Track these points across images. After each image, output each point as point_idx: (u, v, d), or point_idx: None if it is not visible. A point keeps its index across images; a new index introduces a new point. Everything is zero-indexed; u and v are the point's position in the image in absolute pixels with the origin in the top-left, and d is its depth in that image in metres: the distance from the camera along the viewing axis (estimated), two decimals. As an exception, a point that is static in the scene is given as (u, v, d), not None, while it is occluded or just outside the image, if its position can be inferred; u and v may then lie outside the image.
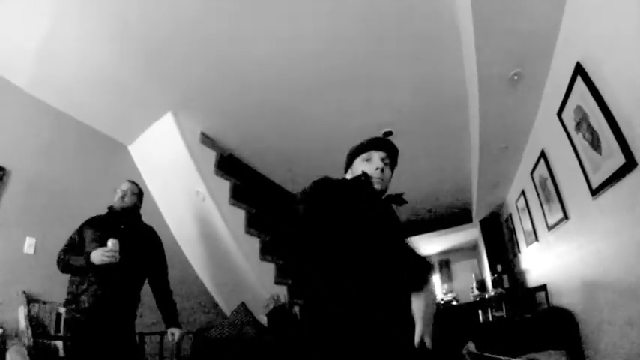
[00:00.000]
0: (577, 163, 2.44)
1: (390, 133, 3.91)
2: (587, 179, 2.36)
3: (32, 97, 3.04)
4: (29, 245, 2.79)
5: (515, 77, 2.59)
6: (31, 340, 2.34)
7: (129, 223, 2.59)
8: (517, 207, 5.02)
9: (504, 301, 4.40)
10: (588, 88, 2.04)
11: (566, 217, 3.00)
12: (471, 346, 1.46)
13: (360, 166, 1.54)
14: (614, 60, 1.82)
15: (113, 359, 2.32)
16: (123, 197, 2.59)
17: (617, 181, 1.97)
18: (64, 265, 2.39)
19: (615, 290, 2.30)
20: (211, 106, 3.50)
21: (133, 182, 2.72)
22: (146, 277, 2.67)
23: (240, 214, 3.83)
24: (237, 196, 3.89)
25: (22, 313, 2.46)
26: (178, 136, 3.43)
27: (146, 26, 2.61)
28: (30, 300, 2.55)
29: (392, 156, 1.60)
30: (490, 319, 4.52)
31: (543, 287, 3.87)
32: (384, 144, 1.58)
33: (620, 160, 1.86)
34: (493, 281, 6.21)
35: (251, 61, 2.97)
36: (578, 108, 2.23)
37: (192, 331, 3.23)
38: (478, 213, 6.64)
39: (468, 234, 8.34)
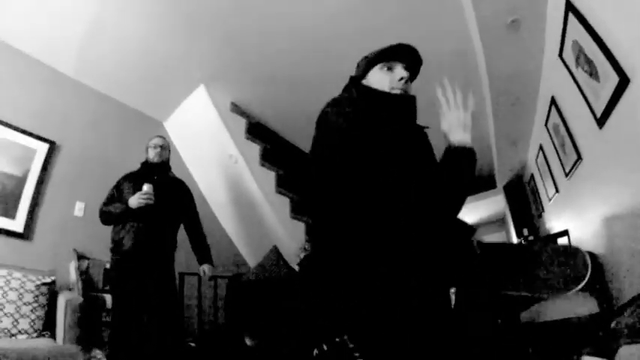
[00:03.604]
0: (581, 97, 2.54)
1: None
2: (592, 111, 2.46)
3: (77, 83, 3.49)
4: (79, 209, 3.20)
5: (514, 23, 2.71)
6: (81, 291, 2.63)
7: (161, 173, 2.83)
8: (537, 164, 5.06)
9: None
10: (579, 20, 2.17)
11: (579, 157, 3.07)
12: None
13: (377, 76, 1.30)
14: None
15: (153, 299, 2.56)
16: (160, 152, 2.84)
17: (617, 102, 2.07)
18: (105, 216, 2.65)
19: (630, 223, 2.35)
20: (239, 78, 3.84)
21: (162, 137, 2.98)
22: (180, 222, 2.91)
23: (270, 175, 4.16)
24: (267, 158, 4.20)
25: (72, 267, 2.78)
26: (211, 106, 3.78)
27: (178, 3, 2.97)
28: (80, 257, 2.88)
29: (416, 71, 1.36)
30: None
31: (565, 233, 3.94)
32: (410, 54, 1.31)
33: (615, 80, 1.97)
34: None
35: (267, 28, 3.26)
36: (575, 43, 2.35)
37: (226, 275, 3.54)
38: (501, 177, 6.66)
39: (494, 204, 8.31)
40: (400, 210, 1.06)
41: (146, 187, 2.54)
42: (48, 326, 2.46)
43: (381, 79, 1.28)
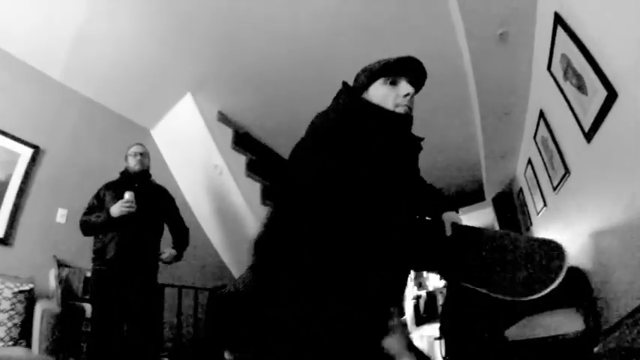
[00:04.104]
0: (569, 111, 2.55)
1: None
2: (580, 125, 2.46)
3: (64, 87, 3.43)
4: (61, 215, 3.12)
5: (502, 36, 2.73)
6: (60, 300, 2.56)
7: (142, 182, 2.78)
8: (526, 178, 5.07)
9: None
10: (568, 34, 2.18)
11: (567, 170, 3.08)
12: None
13: (380, 90, 1.23)
14: (587, 4, 1.96)
15: (134, 307, 2.50)
16: (141, 160, 2.79)
17: (605, 116, 2.07)
18: (86, 226, 2.59)
19: (620, 238, 2.33)
20: (227, 86, 3.80)
21: (141, 144, 2.94)
22: (162, 230, 2.85)
23: (255, 187, 4.10)
24: (253, 169, 4.17)
25: (52, 275, 2.72)
26: (198, 115, 3.74)
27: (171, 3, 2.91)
28: (60, 264, 2.81)
29: (420, 84, 1.30)
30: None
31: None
32: (414, 68, 1.24)
33: (603, 94, 1.98)
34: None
35: (257, 35, 3.23)
36: (563, 56, 2.37)
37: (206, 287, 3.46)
38: (490, 189, 6.68)
39: (483, 216, 8.31)
40: (390, 226, 1.06)
41: (127, 195, 2.49)
42: (24, 335, 2.38)
43: (384, 94, 1.22)
